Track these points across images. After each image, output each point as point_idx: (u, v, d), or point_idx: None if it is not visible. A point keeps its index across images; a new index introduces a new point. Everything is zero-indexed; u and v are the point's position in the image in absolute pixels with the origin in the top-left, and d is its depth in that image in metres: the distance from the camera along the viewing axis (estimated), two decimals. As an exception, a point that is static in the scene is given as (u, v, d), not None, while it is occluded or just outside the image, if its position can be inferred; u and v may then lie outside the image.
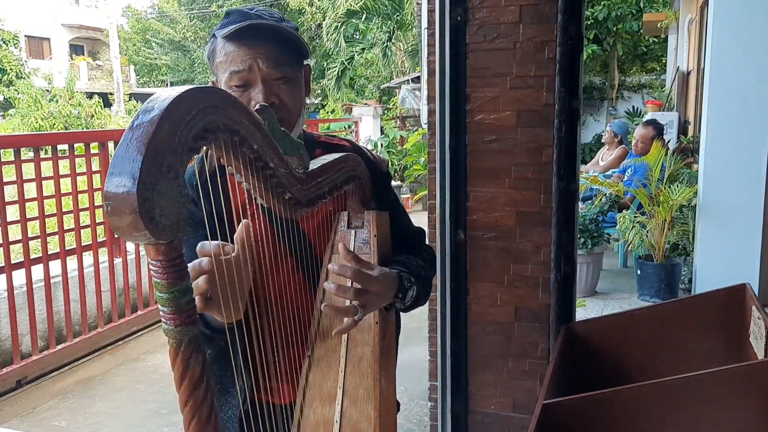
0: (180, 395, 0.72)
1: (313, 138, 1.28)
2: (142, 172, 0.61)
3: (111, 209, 0.62)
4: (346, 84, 16.90)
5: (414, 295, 1.13)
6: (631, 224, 4.33)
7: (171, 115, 0.66)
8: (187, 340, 0.71)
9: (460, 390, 2.38)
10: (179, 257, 0.69)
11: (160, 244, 0.67)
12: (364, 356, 1.08)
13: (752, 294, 1.75)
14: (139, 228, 0.62)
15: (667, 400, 1.43)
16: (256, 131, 0.84)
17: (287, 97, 1.10)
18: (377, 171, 1.26)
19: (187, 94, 0.68)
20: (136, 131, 0.64)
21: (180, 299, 0.70)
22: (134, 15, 30.33)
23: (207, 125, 0.72)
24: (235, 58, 1.07)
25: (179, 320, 0.70)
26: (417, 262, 1.21)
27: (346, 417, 1.04)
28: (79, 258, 3.93)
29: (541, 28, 2.13)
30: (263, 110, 0.88)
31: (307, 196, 0.99)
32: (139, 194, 0.61)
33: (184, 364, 0.71)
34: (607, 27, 11.77)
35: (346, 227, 1.18)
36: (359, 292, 1.00)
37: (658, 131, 5.27)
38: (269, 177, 0.90)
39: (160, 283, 0.69)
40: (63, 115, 15.58)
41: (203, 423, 0.73)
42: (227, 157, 0.81)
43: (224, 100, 0.76)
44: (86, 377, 3.73)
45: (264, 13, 1.12)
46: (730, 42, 3.52)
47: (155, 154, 0.63)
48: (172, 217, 0.65)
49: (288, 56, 1.10)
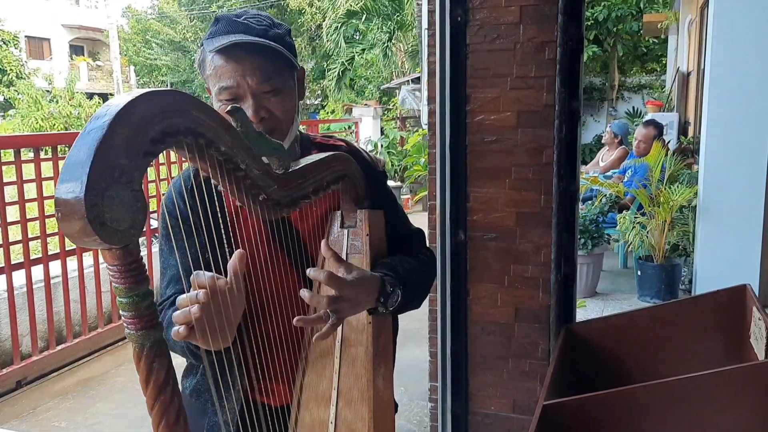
0: (146, 399, 0.73)
1: (309, 139, 1.28)
2: (90, 177, 0.61)
3: (61, 215, 0.62)
4: (346, 84, 16.91)
5: (399, 299, 1.09)
6: (632, 225, 4.33)
7: (124, 119, 0.65)
8: (149, 344, 0.71)
9: (460, 391, 2.38)
10: (136, 261, 0.69)
11: (115, 249, 0.67)
12: (358, 357, 1.07)
13: (752, 295, 1.75)
14: (88, 233, 0.62)
15: (668, 401, 1.43)
16: (225, 133, 0.83)
17: (277, 108, 1.10)
18: (372, 171, 1.25)
19: (143, 98, 0.68)
20: (87, 137, 0.63)
21: (140, 303, 0.70)
22: (134, 15, 30.33)
23: (166, 128, 0.71)
24: (224, 74, 1.07)
25: (140, 324, 0.70)
26: (409, 264, 1.18)
27: (340, 418, 1.04)
28: (79, 259, 3.93)
29: (541, 28, 2.13)
30: (235, 111, 0.88)
31: (287, 196, 0.97)
32: (87, 200, 0.60)
33: (147, 368, 0.72)
34: (607, 28, 11.78)
35: (339, 227, 1.17)
36: (333, 299, 0.97)
37: (659, 131, 5.28)
38: (242, 178, 0.89)
39: (119, 287, 0.69)
40: (63, 116, 15.59)
41: (171, 426, 0.73)
42: (193, 160, 0.80)
43: (186, 102, 0.75)
44: (86, 378, 3.73)
45: (252, 21, 1.10)
46: (730, 43, 3.52)
47: (106, 159, 0.62)
48: (125, 222, 0.64)
49: (276, 67, 1.10)
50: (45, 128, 15.05)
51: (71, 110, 15.95)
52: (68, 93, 17.15)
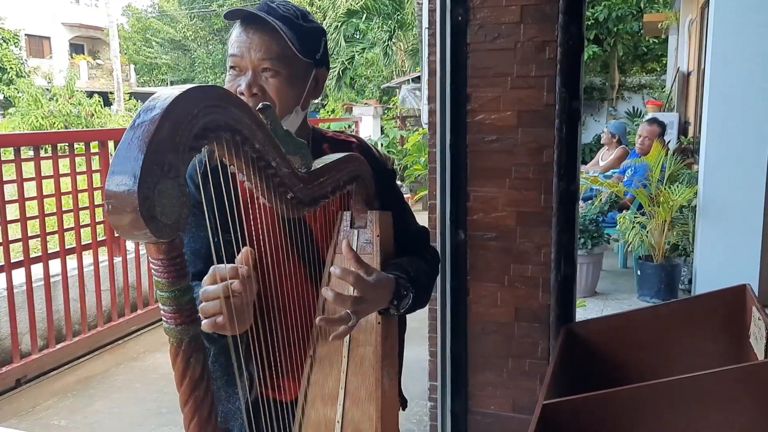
0: (180, 394, 0.72)
1: (321, 134, 1.29)
2: (143, 170, 0.61)
3: (112, 208, 0.62)
4: (346, 84, 16.90)
5: (410, 302, 1.12)
6: (631, 225, 4.33)
7: (172, 114, 0.65)
8: (188, 339, 0.71)
9: (460, 390, 2.38)
10: (180, 256, 0.69)
11: (161, 243, 0.67)
12: (366, 357, 1.07)
13: (752, 295, 1.75)
14: (139, 227, 0.62)
15: (667, 400, 1.43)
16: (258, 130, 0.83)
17: (272, 90, 1.10)
18: (382, 168, 1.26)
19: (188, 93, 0.68)
20: (137, 130, 0.64)
21: (181, 298, 0.70)
22: (134, 14, 30.34)
23: (208, 124, 0.72)
24: (235, 42, 1.10)
25: (180, 319, 0.70)
26: (418, 266, 1.19)
27: (347, 417, 1.04)
28: (79, 257, 3.93)
29: (542, 28, 2.13)
30: (265, 109, 0.88)
31: (309, 195, 0.98)
32: (140, 193, 0.61)
33: (184, 364, 0.71)
34: (607, 27, 11.78)
35: (350, 227, 1.17)
36: (356, 300, 0.99)
37: (662, 129, 5.29)
38: (271, 177, 0.90)
39: (161, 281, 0.69)
40: (63, 114, 15.59)
41: (203, 422, 0.73)
42: (229, 157, 0.81)
43: (226, 98, 0.76)
44: (86, 376, 3.73)
45: (282, 7, 1.12)
46: (731, 43, 3.52)
47: (156, 153, 0.63)
48: (173, 216, 0.65)
49: (284, 52, 1.10)
50: (45, 126, 15.04)
51: (71, 109, 15.94)
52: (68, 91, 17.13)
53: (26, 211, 3.54)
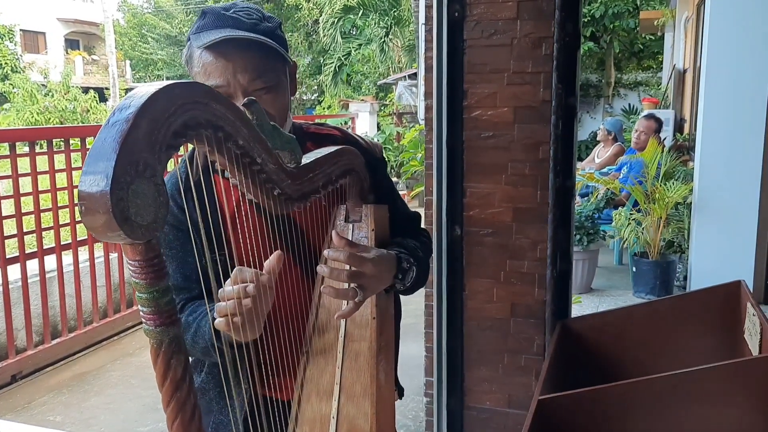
0: (162, 395, 0.72)
1: (302, 129, 1.25)
2: (116, 171, 0.60)
3: (85, 209, 0.61)
4: (342, 80, 16.88)
5: (414, 276, 1.12)
6: (627, 221, 4.34)
7: (148, 111, 0.64)
8: (168, 340, 0.70)
9: (455, 386, 2.39)
10: (157, 257, 0.68)
11: (137, 244, 0.66)
12: (361, 352, 1.07)
13: (747, 291, 1.76)
14: (113, 228, 0.61)
15: (662, 396, 1.44)
16: (243, 126, 0.82)
17: (269, 105, 1.05)
18: (372, 157, 1.24)
19: (165, 90, 0.66)
20: (111, 129, 0.62)
21: (159, 299, 0.69)
22: (130, 9, 30.19)
23: (188, 121, 0.70)
24: (213, 72, 1.03)
25: (159, 320, 0.69)
26: (414, 243, 1.21)
27: (342, 413, 1.04)
28: (75, 253, 3.92)
29: (538, 24, 2.13)
30: (251, 104, 0.87)
31: (299, 191, 0.97)
32: (113, 194, 0.59)
33: (165, 365, 0.71)
34: (603, 24, 11.79)
35: (344, 221, 1.17)
36: (354, 274, 0.99)
37: (659, 124, 5.31)
38: (257, 173, 0.88)
39: (139, 283, 0.68)
40: (58, 110, 15.55)
41: (186, 423, 0.73)
42: (211, 154, 0.79)
43: (207, 95, 0.74)
44: (81, 372, 3.73)
45: (242, 14, 1.06)
46: (727, 40, 3.53)
47: (131, 153, 0.61)
48: (149, 216, 0.63)
49: (268, 63, 1.06)
50: (40, 122, 15.00)
51: (66, 104, 15.89)
52: (64, 87, 17.07)
53: (22, 206, 3.54)
